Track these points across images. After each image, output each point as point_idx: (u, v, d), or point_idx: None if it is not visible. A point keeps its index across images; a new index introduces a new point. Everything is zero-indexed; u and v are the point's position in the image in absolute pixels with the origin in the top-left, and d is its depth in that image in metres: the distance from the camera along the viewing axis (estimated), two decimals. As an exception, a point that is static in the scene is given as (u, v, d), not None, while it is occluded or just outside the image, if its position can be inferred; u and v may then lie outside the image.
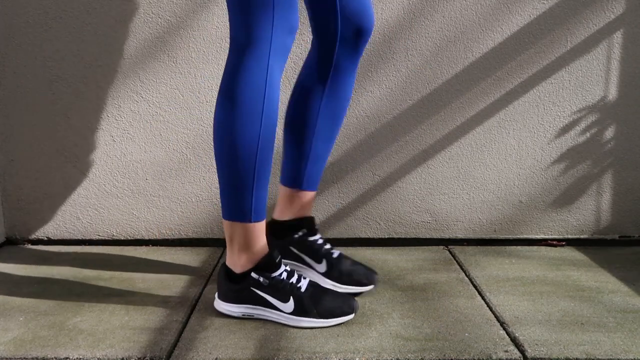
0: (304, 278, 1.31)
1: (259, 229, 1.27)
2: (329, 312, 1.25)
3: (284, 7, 1.21)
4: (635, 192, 1.78)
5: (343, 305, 1.27)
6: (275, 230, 1.47)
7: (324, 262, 1.43)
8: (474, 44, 1.71)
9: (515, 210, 1.79)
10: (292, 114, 1.42)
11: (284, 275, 1.28)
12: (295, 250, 1.45)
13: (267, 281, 1.27)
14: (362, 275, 1.41)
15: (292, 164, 1.43)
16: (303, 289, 1.27)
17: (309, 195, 1.46)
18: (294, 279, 1.29)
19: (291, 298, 1.26)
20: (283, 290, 1.27)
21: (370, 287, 1.40)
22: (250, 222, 1.25)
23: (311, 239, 1.45)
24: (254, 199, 1.24)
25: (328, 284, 1.40)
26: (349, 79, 1.41)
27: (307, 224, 1.45)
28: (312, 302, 1.26)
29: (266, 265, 1.27)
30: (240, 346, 1.17)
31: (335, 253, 1.45)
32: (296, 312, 1.26)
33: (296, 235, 1.45)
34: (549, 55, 1.71)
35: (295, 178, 1.44)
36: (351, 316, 1.27)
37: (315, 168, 1.44)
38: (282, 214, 1.46)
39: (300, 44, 1.69)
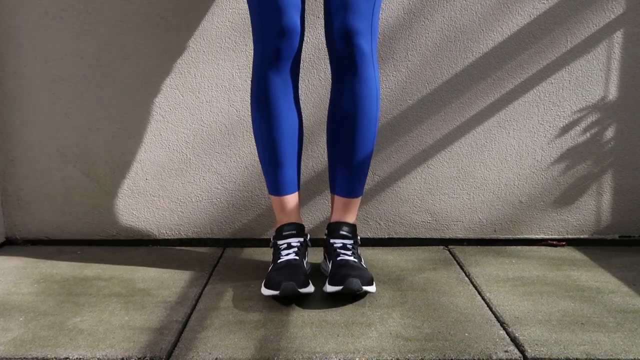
0: (296, 255, 1.41)
1: (275, 201, 1.49)
2: (268, 281, 1.36)
3: (268, 10, 1.33)
4: (636, 192, 1.78)
5: (280, 282, 1.32)
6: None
7: (330, 265, 1.44)
8: (474, 44, 1.71)
9: (515, 210, 1.79)
10: None
11: (283, 245, 1.44)
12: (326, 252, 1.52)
13: (271, 243, 1.49)
14: (337, 276, 1.34)
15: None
16: (279, 260, 1.41)
17: (334, 198, 1.51)
18: (285, 252, 1.43)
19: (271, 265, 1.43)
20: (274, 255, 1.46)
21: (336, 288, 1.32)
22: (270, 194, 1.51)
23: (331, 240, 1.47)
24: (266, 177, 1.49)
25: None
26: (335, 85, 1.44)
27: (329, 226, 1.51)
28: (270, 270, 1.40)
29: (276, 231, 1.49)
30: (240, 346, 1.17)
31: (345, 257, 1.41)
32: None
33: (324, 236, 1.51)
34: (549, 55, 1.71)
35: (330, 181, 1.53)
36: (275, 292, 1.31)
37: (335, 171, 1.48)
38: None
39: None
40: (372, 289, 1.36)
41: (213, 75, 1.71)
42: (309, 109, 1.71)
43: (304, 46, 1.68)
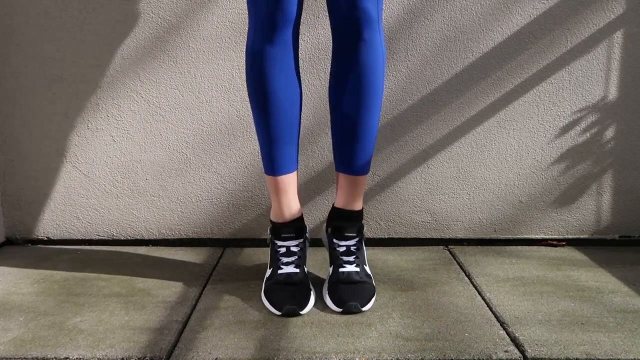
0: (295, 267, 1.36)
1: (270, 182, 1.39)
2: (268, 292, 1.35)
3: (258, 1, 1.27)
4: (636, 192, 1.78)
5: (282, 304, 1.30)
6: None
7: (331, 271, 1.39)
8: (474, 44, 1.71)
9: (515, 210, 1.79)
10: None
11: (282, 250, 1.38)
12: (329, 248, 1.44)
13: (268, 239, 1.43)
14: (337, 295, 1.33)
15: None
16: (279, 271, 1.36)
17: (339, 177, 1.42)
18: (284, 259, 1.37)
19: (270, 269, 1.39)
20: (271, 258, 1.40)
21: (336, 309, 1.32)
22: (265, 174, 1.40)
23: (334, 240, 1.41)
24: (262, 154, 1.39)
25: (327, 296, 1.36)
26: (338, 54, 1.34)
27: (332, 214, 1.44)
28: (268, 278, 1.37)
29: (274, 228, 1.41)
30: (240, 346, 1.17)
31: (348, 268, 1.37)
32: (265, 282, 1.39)
33: (329, 230, 1.44)
34: (549, 55, 1.71)
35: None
36: (277, 312, 1.30)
37: (340, 146, 1.39)
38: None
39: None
40: (370, 305, 1.34)
41: (213, 75, 1.71)
42: (309, 109, 1.71)
43: (302, 45, 1.68)
